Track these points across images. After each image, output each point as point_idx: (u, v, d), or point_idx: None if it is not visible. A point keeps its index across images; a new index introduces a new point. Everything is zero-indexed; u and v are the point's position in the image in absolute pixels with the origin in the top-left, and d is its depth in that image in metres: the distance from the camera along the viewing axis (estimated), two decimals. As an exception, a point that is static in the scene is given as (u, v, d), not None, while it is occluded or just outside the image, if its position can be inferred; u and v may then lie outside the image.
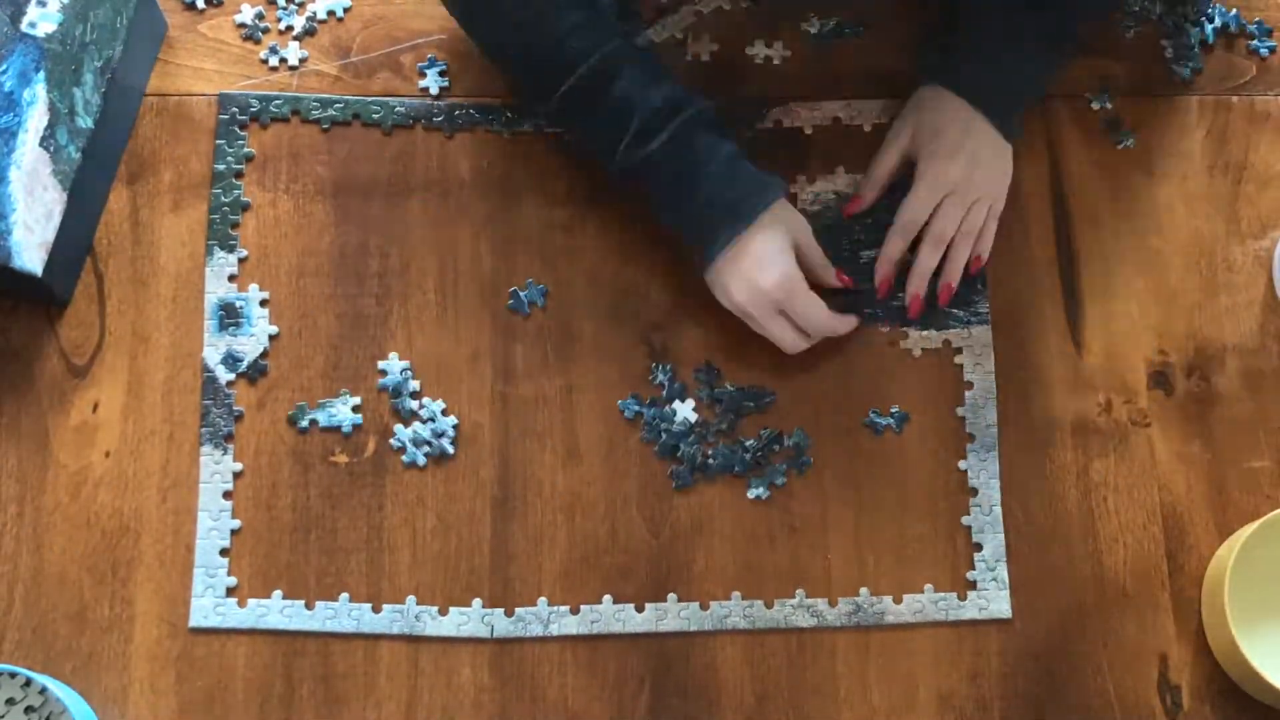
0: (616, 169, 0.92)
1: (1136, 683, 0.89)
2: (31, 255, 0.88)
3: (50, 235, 0.90)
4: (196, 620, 0.89)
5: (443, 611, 0.89)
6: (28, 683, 0.85)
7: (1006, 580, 0.91)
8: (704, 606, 0.90)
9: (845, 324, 0.94)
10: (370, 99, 0.99)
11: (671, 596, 0.90)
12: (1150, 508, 0.93)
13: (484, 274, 0.96)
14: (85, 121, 0.92)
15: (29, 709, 0.85)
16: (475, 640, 0.89)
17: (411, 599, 0.89)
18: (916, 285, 0.95)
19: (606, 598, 0.90)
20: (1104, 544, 0.92)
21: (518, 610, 0.90)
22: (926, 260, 0.95)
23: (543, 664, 0.89)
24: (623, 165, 0.91)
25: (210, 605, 0.89)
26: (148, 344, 0.94)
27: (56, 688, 0.83)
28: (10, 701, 0.85)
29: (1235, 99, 1.02)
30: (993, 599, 0.91)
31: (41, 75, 0.90)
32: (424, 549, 0.91)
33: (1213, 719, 0.89)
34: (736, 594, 0.90)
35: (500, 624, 0.89)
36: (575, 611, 0.90)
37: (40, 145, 0.89)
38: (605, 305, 0.96)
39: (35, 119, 0.90)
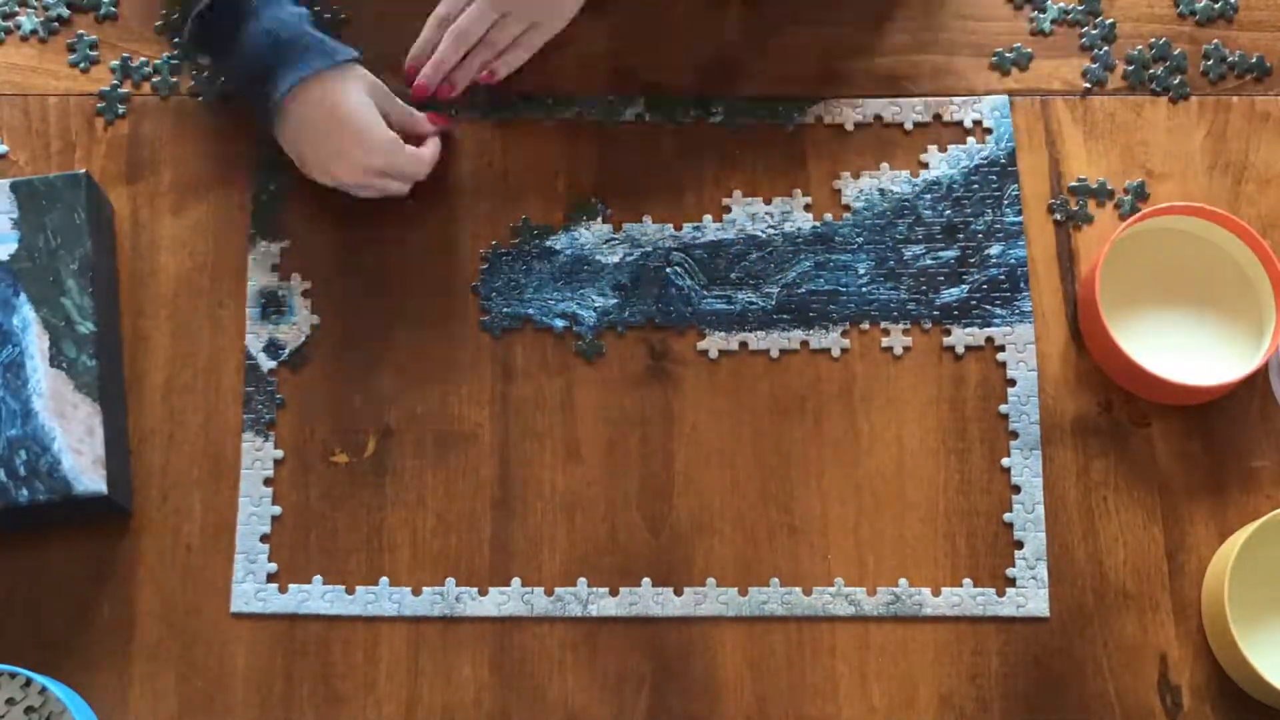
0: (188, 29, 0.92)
1: (1136, 683, 0.90)
2: (91, 476, 0.86)
3: (100, 450, 0.86)
4: (238, 606, 0.89)
5: (482, 592, 0.89)
6: (28, 683, 0.85)
7: (1046, 579, 0.91)
8: (742, 592, 0.90)
9: (433, 150, 0.96)
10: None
11: (710, 581, 0.90)
12: (1150, 508, 0.93)
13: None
14: (86, 327, 0.88)
15: (29, 709, 0.85)
16: (476, 637, 0.89)
17: (451, 581, 0.90)
18: (427, 75, 0.97)
19: (646, 580, 0.90)
20: (1104, 544, 0.92)
21: (557, 590, 0.90)
22: (443, 52, 0.97)
23: (543, 663, 0.89)
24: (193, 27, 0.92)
25: (252, 591, 0.89)
26: (148, 344, 0.94)
27: (56, 688, 0.83)
28: (10, 701, 0.85)
29: (1235, 99, 1.02)
30: (1031, 597, 0.91)
31: (23, 297, 0.89)
32: (424, 549, 0.91)
33: (1213, 719, 0.89)
34: (775, 580, 0.90)
35: (540, 602, 0.89)
36: (615, 593, 0.90)
37: (53, 366, 0.87)
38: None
39: (36, 342, 0.88)
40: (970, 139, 1.00)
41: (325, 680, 0.88)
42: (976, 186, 0.99)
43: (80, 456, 0.86)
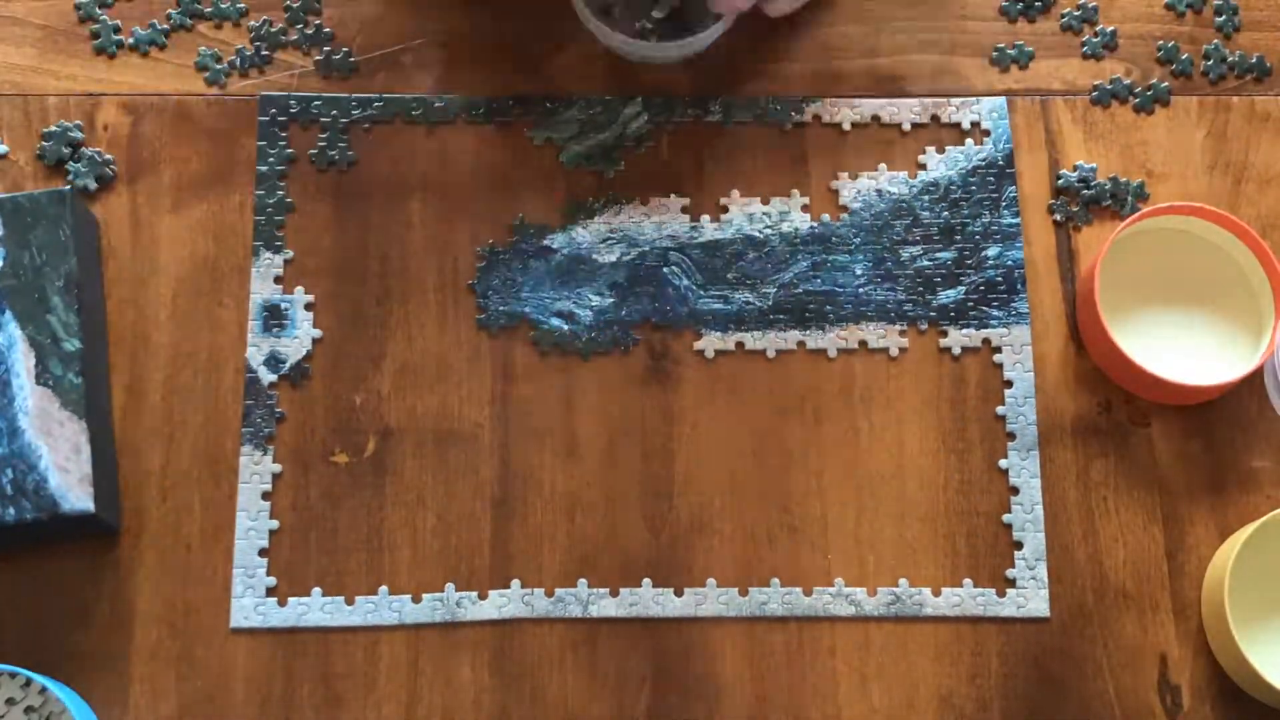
0: None
1: (1136, 683, 0.90)
2: (78, 494, 0.85)
3: (87, 467, 0.86)
4: (237, 621, 0.89)
5: (482, 595, 0.90)
6: (28, 683, 0.85)
7: (1045, 579, 0.91)
8: (743, 592, 0.90)
9: None
10: (410, 95, 0.99)
11: (711, 581, 0.90)
12: (1150, 508, 0.93)
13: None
14: (72, 344, 0.88)
15: (29, 709, 0.85)
16: (476, 639, 0.89)
17: (450, 586, 0.90)
18: None
19: (646, 580, 0.90)
20: (1104, 544, 0.92)
21: (557, 591, 0.90)
22: None
23: (543, 664, 0.89)
24: None
25: (251, 605, 0.89)
26: (148, 344, 0.94)
27: (56, 688, 0.83)
28: (10, 701, 0.85)
29: (1235, 99, 1.02)
30: (1031, 597, 0.91)
31: (8, 315, 0.88)
32: (424, 549, 0.91)
33: (1212, 719, 0.89)
34: (776, 580, 0.90)
35: (540, 604, 0.89)
36: (615, 594, 0.90)
37: (39, 384, 0.87)
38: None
39: (22, 360, 0.87)
40: (968, 140, 1.00)
41: (325, 681, 0.88)
42: (974, 188, 0.99)
43: (67, 475, 0.86)
